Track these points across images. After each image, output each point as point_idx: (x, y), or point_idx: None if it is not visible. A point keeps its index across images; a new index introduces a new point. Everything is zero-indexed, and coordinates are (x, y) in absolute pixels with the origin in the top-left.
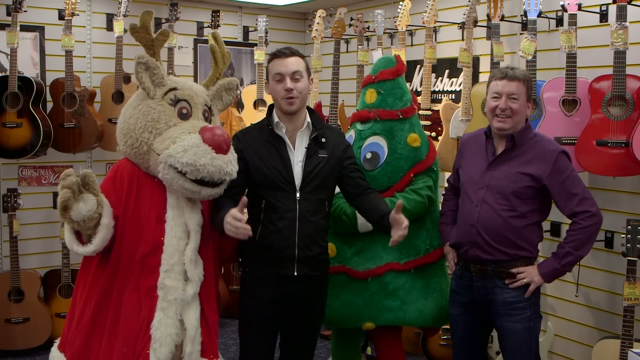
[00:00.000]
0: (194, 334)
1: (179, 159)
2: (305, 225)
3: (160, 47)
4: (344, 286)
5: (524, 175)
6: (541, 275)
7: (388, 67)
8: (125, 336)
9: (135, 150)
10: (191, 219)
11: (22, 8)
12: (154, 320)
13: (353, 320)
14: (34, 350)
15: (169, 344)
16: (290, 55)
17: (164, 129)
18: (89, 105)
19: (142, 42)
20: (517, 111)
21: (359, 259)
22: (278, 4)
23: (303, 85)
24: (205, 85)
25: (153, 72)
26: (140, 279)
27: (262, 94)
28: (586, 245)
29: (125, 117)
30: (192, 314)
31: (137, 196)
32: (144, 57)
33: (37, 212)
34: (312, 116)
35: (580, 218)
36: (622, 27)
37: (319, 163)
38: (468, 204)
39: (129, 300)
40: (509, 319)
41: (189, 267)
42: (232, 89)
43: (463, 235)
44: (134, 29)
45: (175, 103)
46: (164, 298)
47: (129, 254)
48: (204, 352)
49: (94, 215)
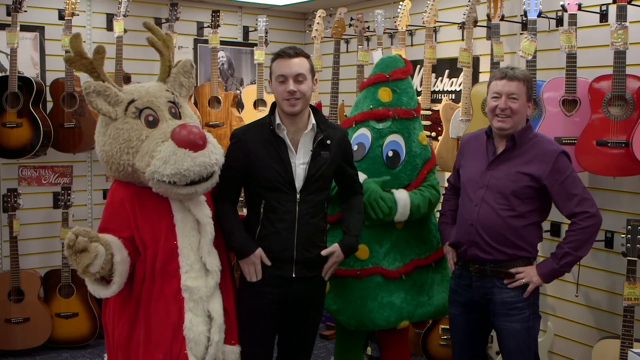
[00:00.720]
0: (221, 323)
1: (162, 172)
2: (304, 227)
3: (101, 65)
4: (380, 287)
5: (524, 175)
6: (540, 276)
7: (399, 67)
8: (160, 344)
9: (122, 173)
10: (200, 213)
11: (22, 8)
12: (185, 322)
13: (393, 321)
14: (34, 350)
15: (203, 340)
16: (294, 56)
17: (138, 145)
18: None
19: (82, 70)
20: (516, 111)
21: (390, 258)
22: (278, 4)
23: (306, 87)
24: (161, 79)
25: (105, 94)
26: (164, 286)
27: (262, 94)
28: (585, 246)
29: (99, 145)
30: (217, 303)
31: (142, 212)
32: (89, 85)
33: (37, 212)
34: (317, 116)
35: (580, 219)
36: (622, 27)
37: (322, 165)
38: (468, 204)
39: (156, 309)
40: (508, 319)
41: (207, 260)
42: (189, 71)
43: (462, 234)
44: (69, 60)
45: (139, 114)
46: (190, 299)
47: (150, 267)
48: (226, 338)
49: (107, 257)
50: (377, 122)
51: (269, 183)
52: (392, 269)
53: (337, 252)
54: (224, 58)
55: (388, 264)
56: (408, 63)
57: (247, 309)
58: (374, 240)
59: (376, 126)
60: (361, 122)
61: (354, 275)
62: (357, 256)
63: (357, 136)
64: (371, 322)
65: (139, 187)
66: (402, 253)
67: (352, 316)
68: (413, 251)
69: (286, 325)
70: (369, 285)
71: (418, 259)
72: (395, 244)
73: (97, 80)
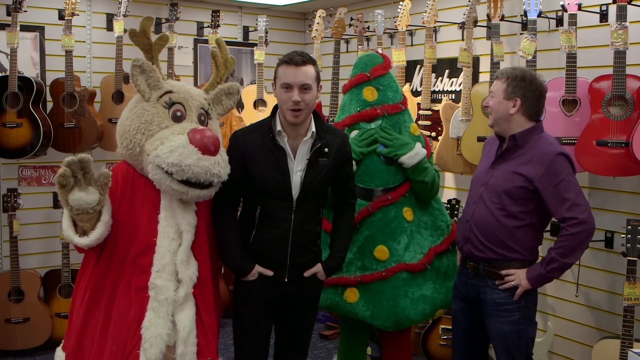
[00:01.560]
0: (187, 335)
1: (165, 159)
2: (299, 234)
3: (158, 51)
4: (408, 283)
5: (518, 175)
6: (528, 280)
7: (378, 63)
8: (116, 335)
9: (129, 152)
10: (183, 219)
11: (22, 8)
12: (144, 320)
13: (428, 313)
14: (34, 350)
15: (159, 344)
16: (301, 64)
17: (156, 130)
18: (89, 105)
19: (140, 47)
20: (493, 108)
21: (410, 252)
22: (278, 4)
23: (311, 97)
24: (206, 89)
25: (149, 75)
26: (132, 279)
27: (262, 94)
28: (573, 252)
29: (122, 119)
30: (185, 315)
31: (130, 197)
32: (139, 60)
33: (37, 212)
34: (317, 122)
35: (568, 224)
36: (622, 27)
37: (319, 173)
38: (469, 201)
39: (120, 299)
40: (496, 320)
41: (181, 268)
42: (233, 94)
43: (460, 231)
44: (133, 34)
45: (169, 106)
46: (155, 298)
47: (121, 253)
48: (200, 354)
49: (90, 210)
50: (367, 123)
51: (266, 190)
52: (415, 262)
53: (320, 273)
54: None
55: (410, 258)
56: (386, 58)
57: (242, 307)
58: (391, 239)
59: (367, 127)
60: (352, 126)
61: (380, 277)
62: (378, 258)
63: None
64: (408, 320)
65: (138, 174)
66: (419, 244)
67: (387, 318)
68: (428, 240)
69: (282, 323)
70: (396, 284)
71: (435, 246)
72: (411, 237)
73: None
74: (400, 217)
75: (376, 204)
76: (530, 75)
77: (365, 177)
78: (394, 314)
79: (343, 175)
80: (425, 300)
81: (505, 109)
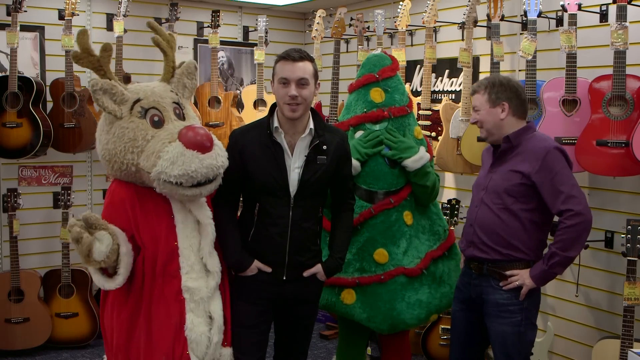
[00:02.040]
0: (221, 324)
1: (170, 173)
2: (297, 232)
3: (108, 63)
4: (405, 287)
5: (515, 172)
6: (532, 278)
7: (386, 65)
8: (162, 345)
9: (125, 172)
10: (201, 214)
11: (22, 8)
12: (186, 323)
13: (423, 317)
14: (34, 350)
15: (205, 341)
16: (299, 59)
17: (144, 145)
18: (89, 105)
19: (88, 66)
20: (483, 120)
21: (409, 257)
22: (278, 4)
23: (308, 92)
24: (165, 79)
25: (111, 92)
26: (164, 287)
27: (262, 94)
28: (573, 245)
29: (102, 144)
30: (217, 304)
31: (142, 212)
32: (96, 83)
33: (37, 212)
34: (315, 119)
35: (565, 217)
36: (622, 27)
37: (316, 171)
38: (471, 206)
39: (157, 310)
40: (497, 321)
41: (208, 261)
42: (192, 72)
43: (464, 235)
44: (76, 57)
45: (144, 114)
46: (191, 299)
47: (150, 268)
48: (223, 341)
49: (114, 247)
50: (373, 124)
51: (264, 187)
52: (413, 266)
53: (320, 274)
54: (224, 58)
55: (408, 262)
56: (394, 59)
57: (240, 305)
58: (391, 242)
59: (373, 128)
60: (357, 126)
61: (378, 280)
62: (377, 261)
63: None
64: (403, 324)
65: (140, 187)
66: (417, 249)
67: (383, 322)
68: (425, 244)
69: (281, 323)
70: (394, 288)
71: (431, 251)
72: (410, 241)
73: (104, 78)
74: (401, 221)
75: (379, 206)
76: (505, 78)
77: (369, 179)
78: (390, 317)
79: (342, 175)
80: (421, 305)
81: (495, 116)
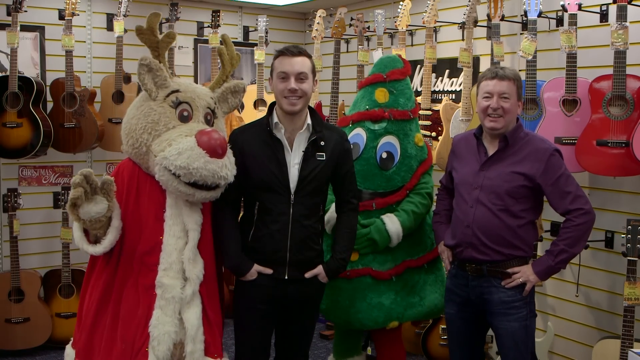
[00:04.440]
0: (195, 333)
1: (172, 161)
2: (298, 229)
3: (165, 49)
4: (369, 288)
5: (518, 174)
6: (536, 274)
7: (397, 67)
8: (124, 333)
9: (135, 151)
10: (190, 218)
11: (22, 8)
12: (152, 318)
13: (381, 322)
14: (34, 350)
15: (167, 342)
16: (297, 54)
17: (163, 130)
18: (89, 105)
19: (147, 44)
20: (508, 110)
21: (380, 259)
22: (278, 4)
23: (307, 87)
24: (211, 87)
25: (156, 73)
26: (139, 277)
27: (262, 94)
28: (580, 242)
29: (128, 117)
30: (192, 312)
31: (136, 195)
32: (146, 58)
33: (37, 212)
34: (313, 117)
35: (574, 215)
36: (622, 27)
37: (315, 167)
38: (463, 205)
39: (127, 297)
40: (505, 318)
41: (187, 266)
42: (238, 92)
43: (459, 236)
44: (140, 31)
45: (176, 105)
46: (162, 296)
47: (128, 252)
48: (208, 351)
49: (102, 218)
50: (372, 123)
51: (263, 183)
52: (383, 270)
53: (322, 275)
54: None
55: (378, 265)
56: (407, 64)
57: (242, 308)
58: None
59: (371, 127)
60: (357, 122)
61: (345, 275)
62: None
63: (353, 136)
64: (359, 322)
65: (143, 172)
66: (393, 254)
67: (340, 316)
68: (405, 252)
69: (282, 324)
70: (358, 286)
71: (410, 260)
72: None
73: (156, 59)
74: None
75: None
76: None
77: (358, 177)
78: (347, 314)
79: (342, 173)
80: (381, 309)
81: (516, 110)
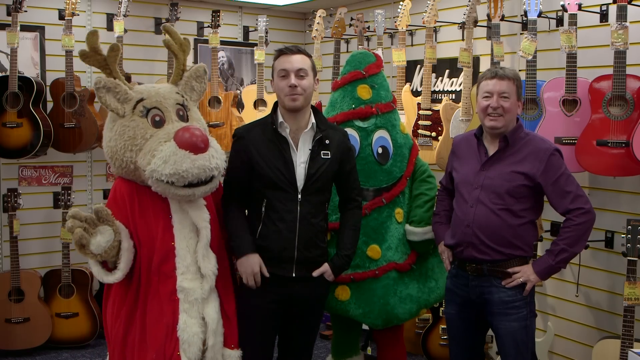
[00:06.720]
0: (215, 327)
1: (161, 171)
2: (305, 227)
3: (114, 63)
4: (396, 282)
5: (518, 174)
6: (536, 273)
7: (372, 62)
8: (154, 344)
9: (125, 170)
10: (197, 216)
11: (22, 8)
12: (179, 323)
13: (415, 312)
14: (34, 350)
15: (197, 342)
16: (296, 52)
17: (142, 143)
18: (89, 105)
19: (95, 65)
20: (508, 109)
21: (399, 252)
22: (278, 4)
23: (307, 83)
24: (173, 81)
25: (115, 91)
26: (160, 286)
27: (262, 94)
28: (580, 242)
29: (106, 140)
30: (212, 307)
31: (140, 211)
32: (100, 80)
33: (37, 212)
34: (317, 116)
35: (574, 215)
36: (622, 27)
37: (322, 165)
38: (463, 205)
39: (151, 309)
40: (506, 318)
41: (202, 264)
42: (201, 76)
43: (459, 235)
44: (84, 55)
45: (146, 114)
46: (185, 300)
47: (146, 266)
48: (226, 342)
49: (114, 244)
50: (361, 121)
51: (271, 182)
52: (402, 262)
53: (328, 273)
54: (224, 58)
55: (399, 258)
56: (378, 57)
57: (247, 309)
58: (383, 239)
59: (361, 125)
60: (344, 123)
61: (373, 275)
62: (370, 257)
63: None
64: (396, 318)
65: (140, 186)
66: (405, 245)
67: (378, 317)
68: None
69: (286, 325)
70: (387, 283)
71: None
72: (399, 238)
73: (109, 77)
74: (392, 219)
75: (370, 205)
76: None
77: (360, 176)
78: (384, 312)
79: (346, 171)
80: (412, 300)
81: (516, 110)
